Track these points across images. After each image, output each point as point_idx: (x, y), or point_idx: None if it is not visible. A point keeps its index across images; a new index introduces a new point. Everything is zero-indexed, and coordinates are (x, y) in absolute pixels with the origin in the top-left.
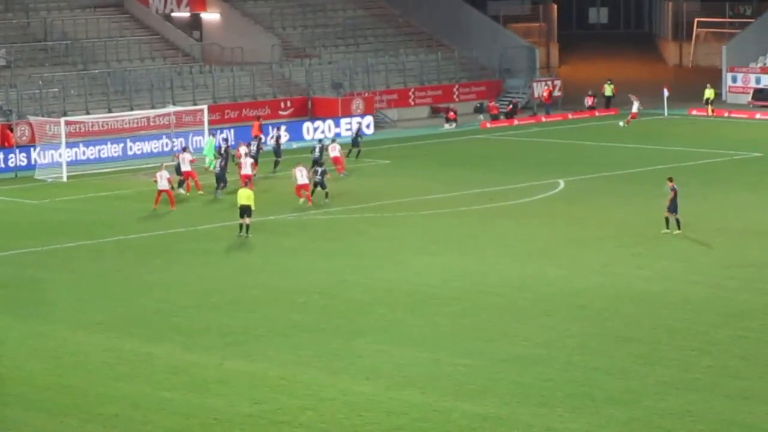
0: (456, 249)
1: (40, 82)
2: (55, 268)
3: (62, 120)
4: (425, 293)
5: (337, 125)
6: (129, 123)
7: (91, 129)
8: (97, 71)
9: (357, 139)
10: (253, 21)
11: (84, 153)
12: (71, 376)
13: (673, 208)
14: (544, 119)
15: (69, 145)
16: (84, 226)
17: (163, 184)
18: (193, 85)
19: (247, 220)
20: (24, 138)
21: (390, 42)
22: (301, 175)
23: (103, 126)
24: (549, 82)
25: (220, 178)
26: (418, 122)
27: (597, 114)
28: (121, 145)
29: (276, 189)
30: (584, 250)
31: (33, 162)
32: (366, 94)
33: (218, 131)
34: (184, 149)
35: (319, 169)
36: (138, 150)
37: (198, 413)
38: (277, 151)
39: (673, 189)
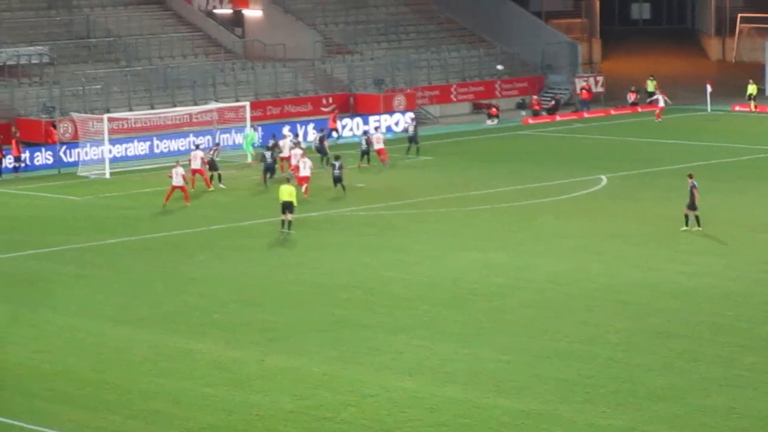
0: (497, 245)
1: (83, 79)
2: (97, 264)
3: (105, 117)
4: (467, 289)
5: (366, 122)
6: (171, 120)
7: (133, 125)
8: (139, 68)
9: (415, 136)
10: (295, 17)
11: (127, 149)
12: (114, 372)
13: (692, 205)
14: (586, 115)
15: (112, 142)
16: (126, 223)
17: (178, 180)
18: (235, 82)
19: (289, 216)
20: (67, 135)
21: (432, 38)
22: (304, 167)
23: (145, 123)
24: (587, 79)
25: (269, 168)
26: (460, 118)
27: (639, 110)
28: (164, 141)
29: (317, 185)
30: (626, 246)
31: (76, 158)
32: (408, 91)
33: (258, 127)
34: (197, 146)
35: (336, 164)
36: (180, 146)
37: (240, 409)
38: (321, 149)
39: (693, 185)
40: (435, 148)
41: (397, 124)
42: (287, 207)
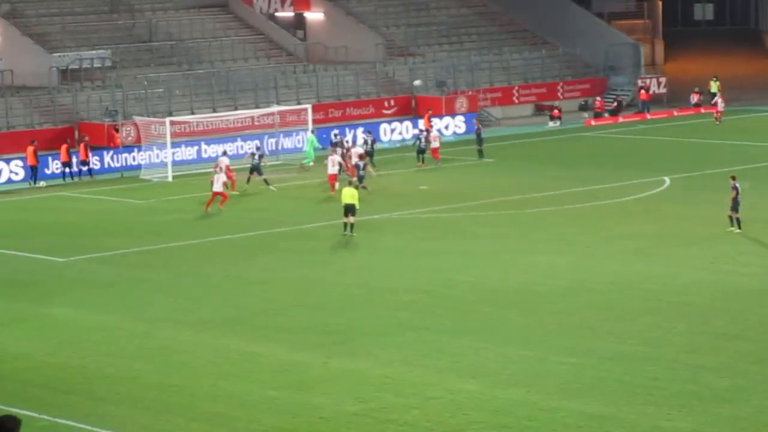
0: (561, 247)
1: (145, 83)
2: (160, 267)
3: (167, 120)
4: (531, 291)
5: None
6: (233, 123)
7: (195, 129)
8: (201, 71)
9: (480, 138)
10: (357, 20)
11: (189, 153)
12: (177, 375)
13: (735, 206)
14: (648, 116)
15: (174, 145)
16: (189, 226)
17: (218, 186)
18: (296, 85)
19: (351, 219)
20: (129, 138)
21: (494, 40)
22: (332, 165)
23: (207, 126)
24: (646, 80)
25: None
26: (522, 120)
27: (702, 111)
28: (226, 144)
29: (379, 188)
30: (690, 248)
31: (138, 162)
32: (470, 93)
33: (316, 130)
34: (224, 153)
35: (361, 164)
36: (242, 150)
37: (304, 412)
38: (370, 152)
39: (735, 187)
40: (497, 150)
41: (464, 123)
42: (349, 209)
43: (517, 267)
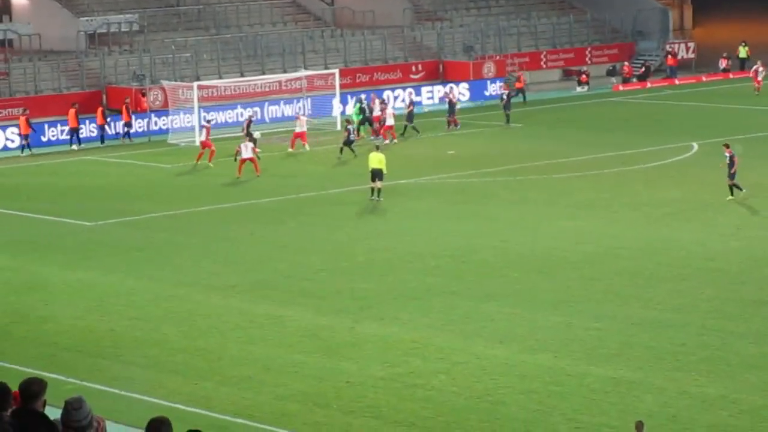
0: (589, 212)
1: (173, 47)
2: (188, 231)
3: (195, 84)
4: (558, 257)
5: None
6: (261, 87)
7: (223, 93)
8: (229, 36)
9: (509, 104)
10: None
11: (217, 117)
12: (205, 339)
13: (731, 174)
14: (677, 82)
15: (202, 110)
16: (217, 190)
17: (247, 153)
18: (324, 49)
19: (378, 184)
20: (157, 103)
21: (522, 5)
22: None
23: (235, 90)
24: (673, 45)
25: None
26: (550, 85)
27: (731, 76)
28: (254, 109)
29: (404, 152)
30: (718, 214)
31: (166, 126)
32: (497, 58)
33: (362, 93)
34: (209, 122)
35: (350, 128)
36: (271, 114)
37: (330, 376)
38: (409, 116)
39: (732, 155)
40: (525, 115)
41: (499, 88)
42: (376, 174)
43: (544, 232)
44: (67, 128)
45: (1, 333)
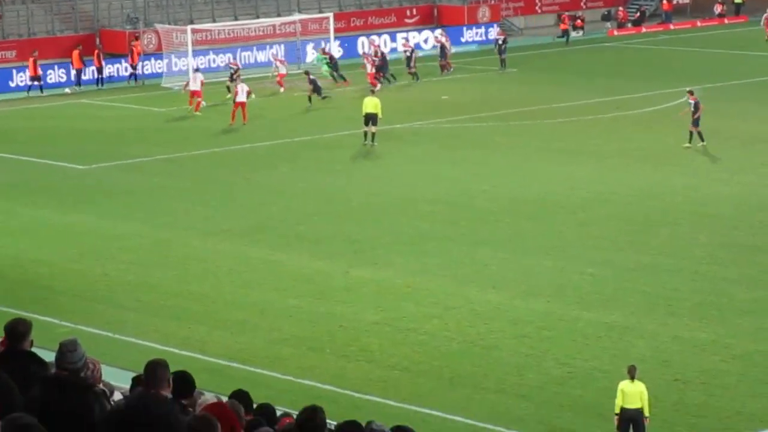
0: (582, 158)
1: None
2: (181, 175)
3: (189, 28)
4: (552, 202)
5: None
6: (255, 31)
7: (217, 37)
8: None
9: (504, 49)
10: None
11: (210, 61)
12: (199, 283)
13: (695, 120)
14: (672, 27)
15: (195, 54)
16: (210, 134)
17: (242, 97)
18: None
19: (372, 129)
20: (150, 46)
21: None
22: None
23: (229, 34)
24: None
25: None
26: (545, 30)
27: (726, 21)
28: (247, 53)
29: (398, 97)
30: (712, 159)
31: (159, 70)
32: (492, 2)
33: (323, 41)
34: (196, 70)
35: (312, 77)
36: (263, 58)
37: (324, 320)
38: (408, 61)
39: (695, 102)
40: (519, 60)
41: (487, 35)
42: (370, 119)
43: (538, 177)
44: (71, 70)
45: None
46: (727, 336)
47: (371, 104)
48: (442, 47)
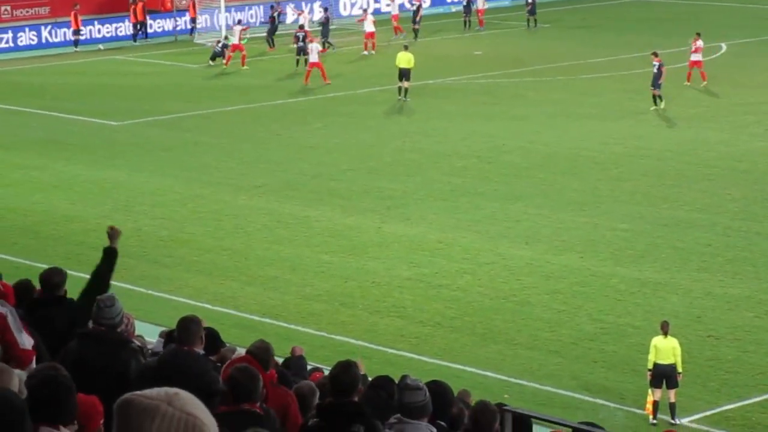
0: (616, 114)
1: None
2: (215, 132)
3: None
4: (585, 157)
5: None
6: None
7: None
8: None
9: (534, 8)
10: None
11: (241, 16)
12: (231, 239)
13: (658, 84)
14: None
15: (227, 9)
16: (243, 91)
17: (313, 57)
18: None
19: (405, 84)
20: (183, 2)
21: None
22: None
23: None
24: None
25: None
26: None
27: None
28: (281, 7)
29: (431, 53)
30: (746, 115)
31: (192, 26)
32: None
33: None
34: (239, 22)
35: (300, 35)
36: (294, 15)
37: (356, 276)
38: (415, 17)
39: (659, 65)
40: (552, 15)
41: None
42: (404, 74)
43: (571, 133)
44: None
45: (28, 232)
46: (761, 292)
47: (404, 59)
48: (468, 3)
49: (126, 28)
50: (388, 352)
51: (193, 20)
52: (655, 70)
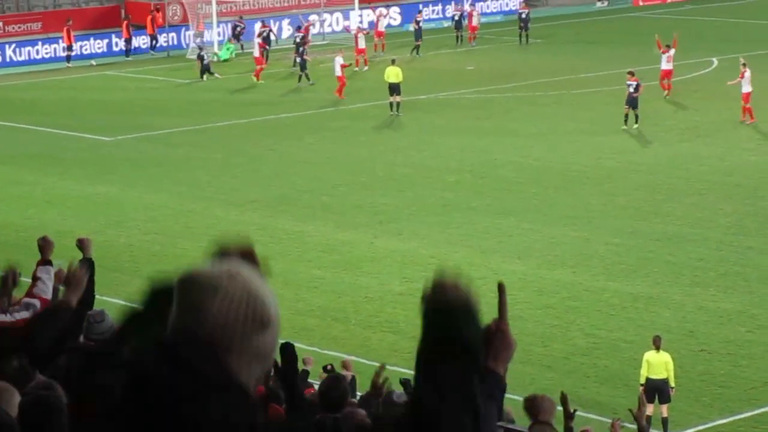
0: (608, 128)
1: None
2: (207, 146)
3: None
4: (577, 172)
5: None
6: (279, 1)
7: (242, 8)
8: None
9: (527, 24)
10: None
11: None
12: None
13: (632, 102)
14: None
15: (220, 24)
16: (235, 106)
17: (337, 70)
18: None
19: (397, 99)
20: (176, 18)
21: None
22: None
23: (254, 5)
24: None
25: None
26: (570, 0)
27: None
28: (273, 23)
29: (423, 67)
30: (738, 129)
31: (184, 42)
32: None
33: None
34: (259, 35)
35: (303, 50)
36: (287, 29)
37: (350, 291)
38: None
39: (636, 84)
40: (544, 30)
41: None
42: (394, 89)
43: (563, 147)
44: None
45: (20, 247)
46: (753, 306)
47: (393, 73)
48: (458, 18)
49: (118, 43)
50: None
51: (153, 37)
52: (632, 90)
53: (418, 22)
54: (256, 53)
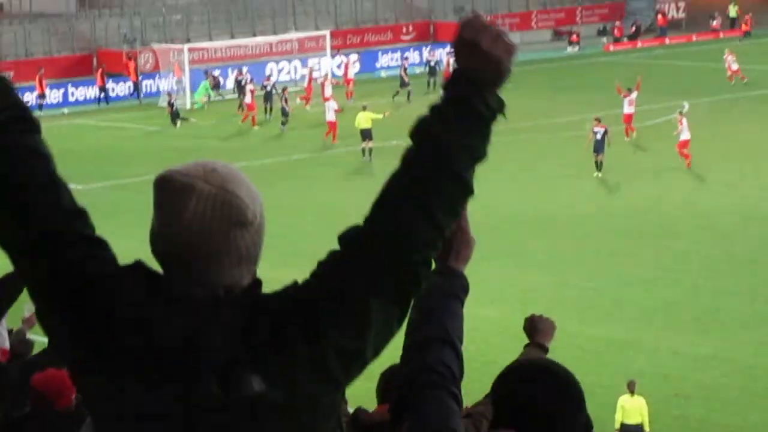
0: (581, 172)
1: (163, 9)
2: None
3: (185, 47)
4: (549, 216)
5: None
6: (252, 50)
7: (214, 56)
8: None
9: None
10: None
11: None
12: None
13: (599, 148)
14: (667, 41)
15: (192, 72)
16: (208, 152)
17: (330, 116)
18: (314, 11)
19: (369, 144)
20: (148, 65)
21: None
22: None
23: (226, 53)
24: (665, 5)
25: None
26: (541, 45)
27: (722, 36)
28: (244, 70)
29: (395, 113)
30: (710, 172)
31: (157, 89)
32: (488, 18)
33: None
34: (251, 81)
35: (285, 96)
36: (259, 76)
37: None
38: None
39: (604, 131)
40: (515, 76)
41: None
42: (366, 134)
43: (536, 191)
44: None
45: None
46: (728, 350)
47: (364, 119)
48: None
49: (91, 91)
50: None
51: (135, 84)
52: (599, 137)
53: (405, 69)
54: (248, 99)
